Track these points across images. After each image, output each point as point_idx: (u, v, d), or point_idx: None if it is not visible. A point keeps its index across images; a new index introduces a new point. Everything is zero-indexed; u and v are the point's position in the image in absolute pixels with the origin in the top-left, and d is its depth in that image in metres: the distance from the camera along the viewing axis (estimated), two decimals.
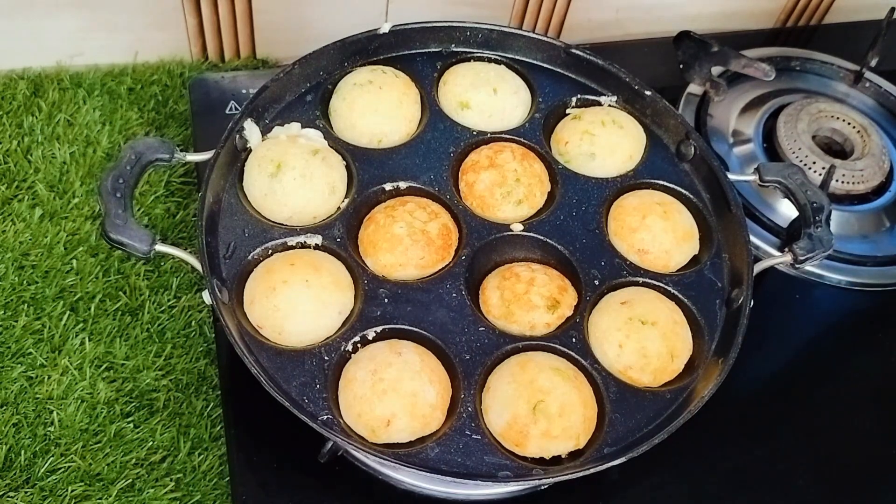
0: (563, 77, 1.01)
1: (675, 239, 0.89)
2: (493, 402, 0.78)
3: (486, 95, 0.96)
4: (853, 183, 1.10)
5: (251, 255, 0.83)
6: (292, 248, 0.84)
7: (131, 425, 0.87)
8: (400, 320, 0.81)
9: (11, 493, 0.82)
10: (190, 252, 0.81)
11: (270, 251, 0.84)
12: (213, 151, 0.85)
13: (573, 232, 0.89)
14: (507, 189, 0.89)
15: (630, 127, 0.96)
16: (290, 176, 0.85)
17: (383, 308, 0.81)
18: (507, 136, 0.94)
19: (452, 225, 0.88)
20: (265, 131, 0.90)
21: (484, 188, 0.90)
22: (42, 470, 0.83)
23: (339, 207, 0.87)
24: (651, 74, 1.01)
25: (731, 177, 0.92)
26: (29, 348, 0.89)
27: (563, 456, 0.77)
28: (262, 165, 0.86)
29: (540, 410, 0.76)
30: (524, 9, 1.21)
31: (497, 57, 1.01)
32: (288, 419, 0.72)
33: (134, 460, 0.85)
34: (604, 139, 0.94)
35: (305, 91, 0.94)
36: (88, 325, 0.92)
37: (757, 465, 0.90)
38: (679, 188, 0.94)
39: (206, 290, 0.78)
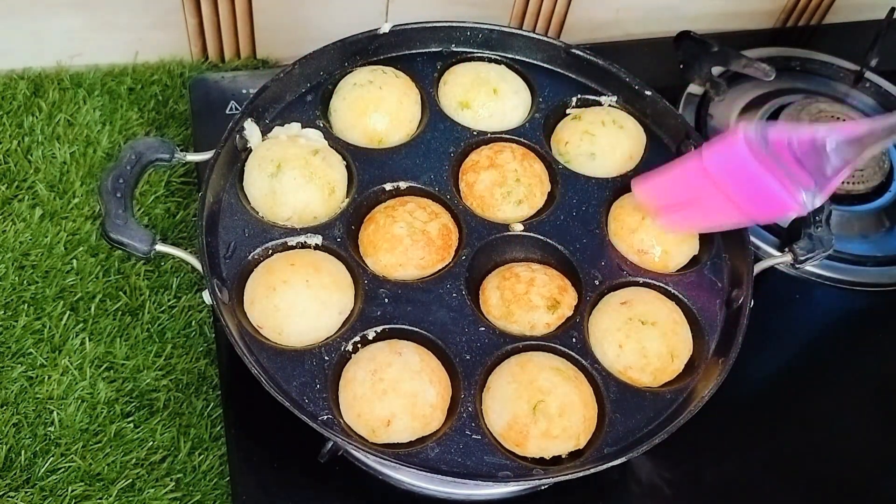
0: (564, 77, 1.01)
1: (675, 239, 0.89)
2: (493, 402, 0.78)
3: (487, 95, 0.96)
4: (853, 183, 1.10)
5: (251, 255, 0.83)
6: (292, 248, 0.84)
7: (131, 425, 0.87)
8: (400, 320, 0.81)
9: (12, 493, 0.82)
10: (190, 252, 0.81)
11: (270, 251, 0.84)
12: (214, 151, 0.85)
13: (573, 232, 0.89)
14: (507, 189, 0.89)
15: (630, 127, 0.96)
16: (290, 176, 0.85)
17: (383, 308, 0.81)
18: (507, 137, 0.94)
19: (452, 225, 0.88)
20: (265, 131, 0.90)
21: (484, 188, 0.90)
22: (42, 470, 0.83)
23: (339, 207, 0.87)
24: (651, 74, 1.01)
25: None
26: (29, 348, 0.89)
27: (563, 456, 0.77)
28: (262, 165, 0.86)
29: (540, 410, 0.76)
30: (524, 9, 1.21)
31: (497, 57, 1.01)
32: (288, 419, 0.72)
33: (134, 460, 0.85)
34: (604, 139, 0.94)
35: (305, 91, 0.94)
36: (88, 325, 0.92)
37: (757, 465, 0.90)
38: None
39: (206, 290, 0.78)
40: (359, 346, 0.80)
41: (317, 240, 0.84)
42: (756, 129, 0.76)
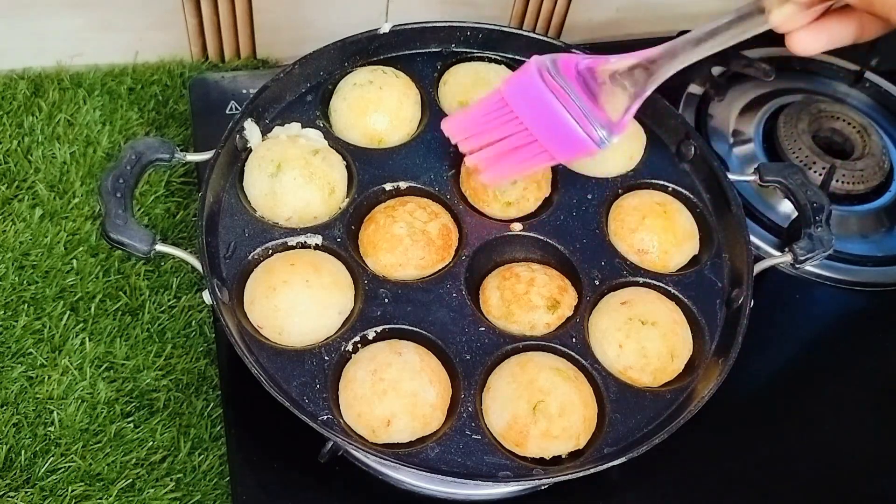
0: None
1: (675, 239, 0.89)
2: (493, 402, 0.78)
3: None
4: (853, 183, 1.10)
5: (251, 255, 0.83)
6: (292, 248, 0.84)
7: (131, 425, 0.87)
8: (400, 320, 0.81)
9: (11, 493, 0.82)
10: (190, 252, 0.81)
11: (270, 251, 0.84)
12: (213, 151, 0.85)
13: (573, 232, 0.89)
14: (501, 188, 0.89)
15: (630, 127, 0.96)
16: (290, 176, 0.85)
17: (383, 308, 0.81)
18: None
19: (452, 225, 0.88)
20: (265, 131, 0.90)
21: (477, 183, 0.89)
22: (42, 470, 0.83)
23: (339, 207, 0.87)
24: None
25: (732, 177, 0.92)
26: (29, 348, 0.89)
27: (563, 456, 0.77)
28: (262, 165, 0.86)
29: (540, 410, 0.76)
30: (524, 9, 1.21)
31: (497, 57, 1.01)
32: (288, 419, 0.72)
33: (134, 460, 0.85)
34: None
35: (305, 91, 0.94)
36: (88, 325, 0.92)
37: (757, 465, 0.90)
38: (679, 188, 0.94)
39: (206, 290, 0.78)
40: (359, 346, 0.80)
41: (317, 240, 0.84)
42: (549, 57, 0.74)
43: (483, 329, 0.82)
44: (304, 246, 0.84)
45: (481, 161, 0.83)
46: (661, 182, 0.94)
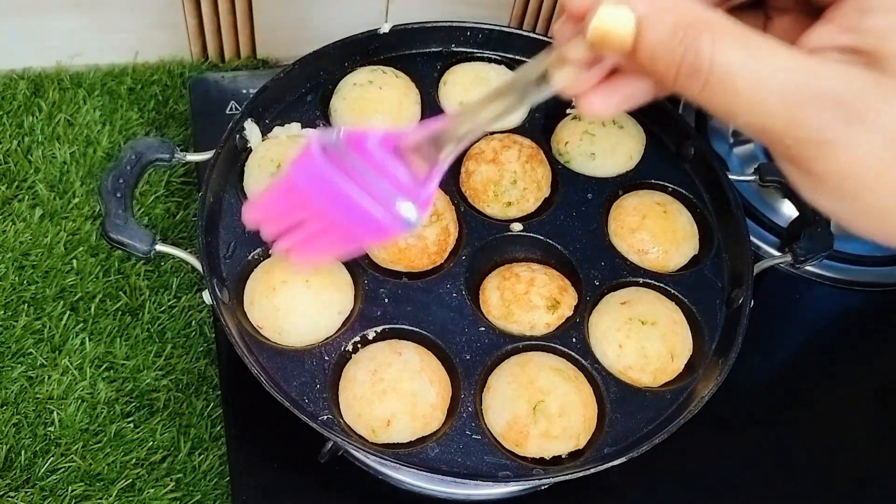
0: None
1: (675, 239, 0.89)
2: (494, 402, 0.78)
3: None
4: None
5: (251, 255, 0.83)
6: None
7: (131, 425, 0.87)
8: (400, 320, 0.81)
9: (12, 493, 0.82)
10: (190, 252, 0.81)
11: (271, 251, 0.84)
12: (214, 151, 0.85)
13: (573, 232, 0.89)
14: (501, 189, 0.89)
15: (630, 127, 0.96)
16: None
17: (383, 308, 0.81)
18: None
19: (454, 226, 0.87)
20: (265, 131, 0.90)
21: (479, 181, 0.89)
22: (42, 470, 0.83)
23: None
24: None
25: (732, 177, 0.92)
26: (29, 348, 0.89)
27: (563, 456, 0.77)
28: (262, 165, 0.86)
29: (540, 410, 0.76)
30: (524, 9, 1.21)
31: (497, 57, 1.01)
32: (288, 419, 0.72)
33: (134, 460, 0.85)
34: (604, 139, 0.94)
35: (305, 91, 0.94)
36: (88, 324, 0.92)
37: (757, 465, 0.90)
38: (679, 188, 0.94)
39: (206, 290, 0.78)
40: (359, 346, 0.80)
41: None
42: (335, 134, 0.64)
43: (483, 329, 0.82)
44: None
45: (289, 247, 0.73)
46: (661, 182, 0.94)
